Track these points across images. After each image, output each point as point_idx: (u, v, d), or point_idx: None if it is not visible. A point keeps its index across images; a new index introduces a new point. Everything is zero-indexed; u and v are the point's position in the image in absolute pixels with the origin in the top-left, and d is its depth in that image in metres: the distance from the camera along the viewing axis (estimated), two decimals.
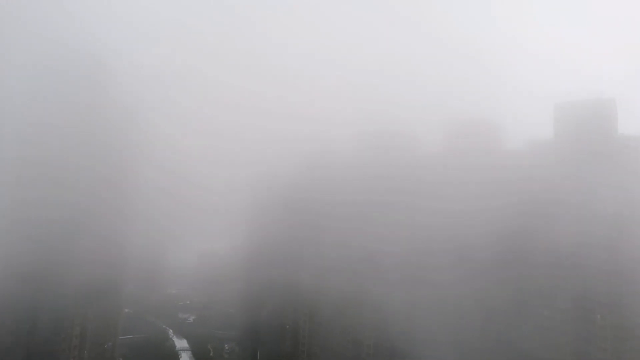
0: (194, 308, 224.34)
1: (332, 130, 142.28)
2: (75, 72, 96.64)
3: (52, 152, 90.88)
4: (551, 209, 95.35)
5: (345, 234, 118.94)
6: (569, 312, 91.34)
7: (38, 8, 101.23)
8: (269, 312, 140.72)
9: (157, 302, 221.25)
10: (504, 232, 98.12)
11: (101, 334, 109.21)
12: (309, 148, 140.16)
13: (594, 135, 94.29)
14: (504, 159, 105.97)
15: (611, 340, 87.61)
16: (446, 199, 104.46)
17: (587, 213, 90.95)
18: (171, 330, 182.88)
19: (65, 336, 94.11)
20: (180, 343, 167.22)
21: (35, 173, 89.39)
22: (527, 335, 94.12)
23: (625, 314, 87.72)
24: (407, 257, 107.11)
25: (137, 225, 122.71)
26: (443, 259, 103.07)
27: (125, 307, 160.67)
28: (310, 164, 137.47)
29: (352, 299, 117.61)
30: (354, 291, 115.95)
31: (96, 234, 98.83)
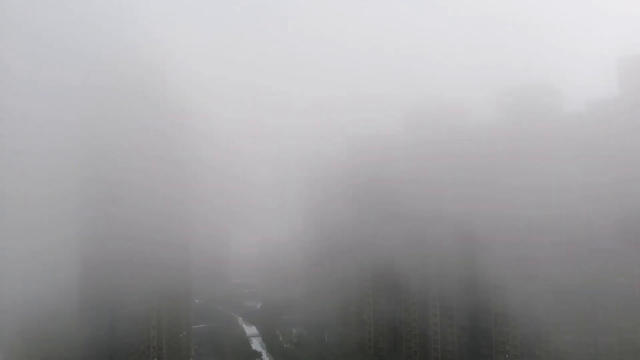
0: (260, 295, 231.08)
1: (377, 114, 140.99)
2: (133, 80, 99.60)
3: (111, 163, 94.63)
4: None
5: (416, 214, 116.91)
6: None
7: (93, 9, 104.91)
8: (333, 296, 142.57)
9: (224, 292, 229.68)
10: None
11: (175, 324, 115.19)
12: (355, 134, 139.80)
13: None
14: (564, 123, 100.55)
15: None
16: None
17: None
18: (240, 318, 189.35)
19: (144, 328, 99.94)
20: (250, 329, 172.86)
21: (101, 184, 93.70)
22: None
23: None
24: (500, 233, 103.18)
25: (202, 223, 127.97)
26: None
27: (196, 298, 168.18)
28: (360, 149, 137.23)
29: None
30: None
31: (165, 234, 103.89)
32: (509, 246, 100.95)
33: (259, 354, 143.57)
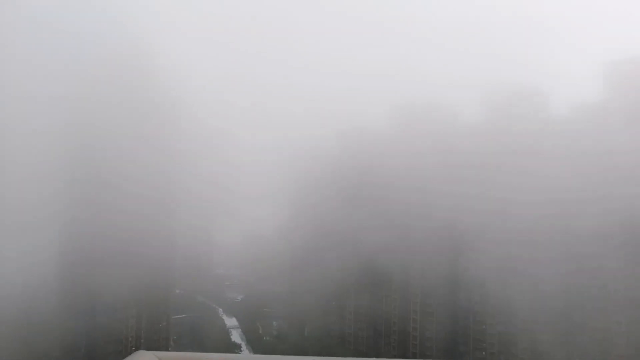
0: (242, 287, 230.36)
1: (369, 108, 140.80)
2: (124, 66, 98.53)
3: (100, 147, 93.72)
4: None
5: (404, 209, 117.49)
6: None
7: (87, 6, 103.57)
8: (315, 290, 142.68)
9: (205, 283, 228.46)
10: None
11: (155, 314, 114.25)
12: (345, 127, 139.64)
13: None
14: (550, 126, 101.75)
15: None
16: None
17: None
18: (221, 309, 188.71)
19: (122, 317, 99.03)
20: (230, 321, 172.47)
21: (85, 169, 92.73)
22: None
23: None
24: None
25: (184, 211, 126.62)
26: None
27: (176, 288, 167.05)
28: (348, 142, 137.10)
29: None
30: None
31: (146, 219, 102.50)
32: (493, 244, 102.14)
33: (238, 346, 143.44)
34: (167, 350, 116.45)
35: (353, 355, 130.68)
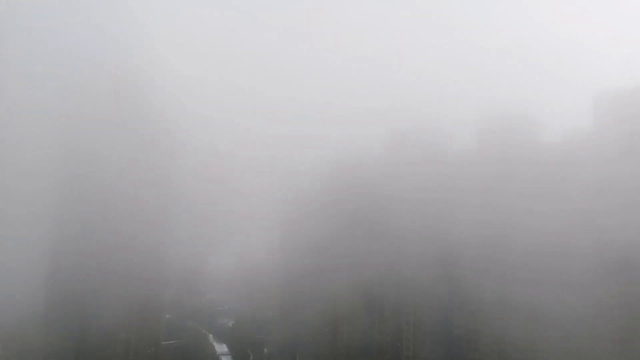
0: (233, 313, 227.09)
1: (361, 130, 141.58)
2: (114, 83, 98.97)
3: (92, 162, 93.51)
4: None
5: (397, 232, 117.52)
6: None
7: (75, 18, 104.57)
8: (307, 316, 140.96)
9: (196, 308, 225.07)
10: None
11: (144, 340, 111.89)
12: (340, 150, 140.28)
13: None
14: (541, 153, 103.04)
15: None
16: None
17: None
18: (211, 335, 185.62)
19: (111, 342, 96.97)
20: (220, 348, 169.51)
21: (79, 183, 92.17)
22: None
23: None
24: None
25: (176, 233, 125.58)
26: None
27: (167, 313, 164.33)
28: (344, 165, 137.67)
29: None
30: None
31: (137, 242, 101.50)
32: (488, 269, 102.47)
33: None
34: None
35: None
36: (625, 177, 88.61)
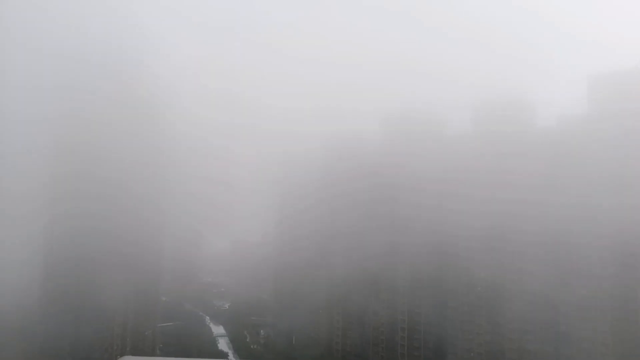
0: (229, 295, 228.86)
1: (358, 118, 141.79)
2: (109, 81, 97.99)
3: (85, 155, 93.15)
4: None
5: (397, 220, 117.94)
6: None
7: (73, 17, 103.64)
8: (303, 299, 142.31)
9: (193, 291, 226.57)
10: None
11: (141, 322, 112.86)
12: (333, 140, 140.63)
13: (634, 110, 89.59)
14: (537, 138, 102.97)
15: None
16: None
17: None
18: (207, 318, 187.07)
19: (108, 325, 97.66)
20: (217, 330, 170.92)
21: (74, 179, 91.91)
22: None
23: None
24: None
25: (172, 218, 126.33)
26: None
27: (163, 296, 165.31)
28: (340, 149, 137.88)
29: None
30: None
31: (133, 226, 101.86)
32: (483, 252, 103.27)
33: (225, 355, 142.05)
34: None
35: None
36: (622, 159, 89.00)
